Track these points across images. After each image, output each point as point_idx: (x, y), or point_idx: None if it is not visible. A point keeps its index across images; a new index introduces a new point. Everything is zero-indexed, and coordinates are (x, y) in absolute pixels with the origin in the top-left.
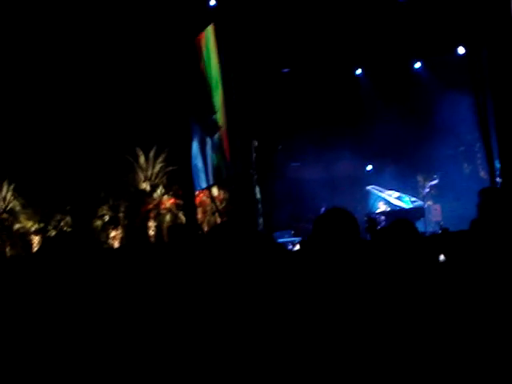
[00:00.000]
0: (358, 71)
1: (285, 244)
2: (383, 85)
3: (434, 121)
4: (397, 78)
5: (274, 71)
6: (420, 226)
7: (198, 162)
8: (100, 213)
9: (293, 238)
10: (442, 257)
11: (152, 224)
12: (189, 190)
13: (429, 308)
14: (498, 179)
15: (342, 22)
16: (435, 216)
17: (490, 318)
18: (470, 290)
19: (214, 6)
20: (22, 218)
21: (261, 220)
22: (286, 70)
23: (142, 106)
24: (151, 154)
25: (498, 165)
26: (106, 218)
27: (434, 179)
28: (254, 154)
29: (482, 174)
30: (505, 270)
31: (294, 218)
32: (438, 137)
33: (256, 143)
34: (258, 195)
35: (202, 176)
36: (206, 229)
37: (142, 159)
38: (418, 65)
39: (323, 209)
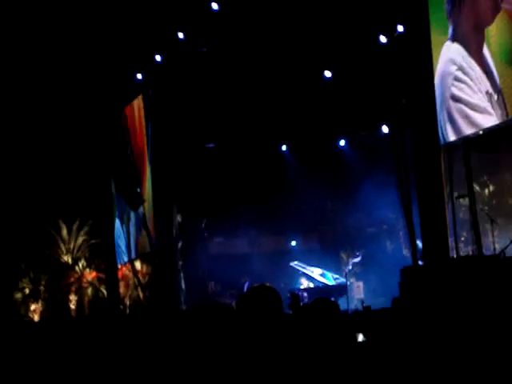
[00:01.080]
0: (283, 147)
1: None
2: (308, 161)
3: (358, 198)
4: (322, 156)
5: (198, 146)
6: (342, 303)
7: (120, 235)
8: (20, 285)
9: None
10: (360, 336)
11: (73, 298)
12: (111, 263)
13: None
14: (419, 261)
15: (268, 97)
16: (357, 293)
17: None
18: (390, 368)
19: (140, 79)
20: None
21: (183, 295)
22: (210, 145)
23: (66, 178)
24: (74, 226)
25: (420, 245)
26: (27, 290)
27: (357, 256)
28: (179, 229)
29: (405, 252)
30: (424, 348)
31: (217, 293)
32: (362, 215)
33: (180, 218)
34: (182, 271)
35: (125, 250)
36: (128, 303)
37: (64, 231)
38: (342, 142)
39: (247, 284)
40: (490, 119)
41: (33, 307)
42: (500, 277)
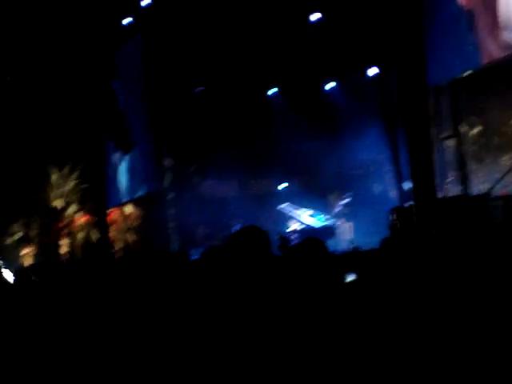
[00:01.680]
0: (271, 91)
1: None
2: (296, 105)
3: (346, 141)
4: (309, 98)
5: (187, 90)
6: (331, 244)
7: (112, 179)
8: (11, 230)
9: None
10: (351, 276)
11: (65, 241)
12: (102, 207)
13: (337, 326)
14: (410, 201)
15: (256, 41)
16: (346, 234)
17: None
18: (379, 307)
19: (129, 22)
20: None
21: (175, 238)
22: (199, 89)
23: (56, 123)
24: (65, 171)
25: (407, 186)
26: (18, 235)
27: (345, 198)
28: (170, 173)
29: (392, 193)
30: (415, 288)
31: (207, 236)
32: (350, 157)
33: (171, 162)
34: (172, 213)
35: (116, 193)
36: (118, 246)
37: (54, 176)
38: (330, 85)
39: (237, 227)
40: None
41: (24, 251)
42: (487, 216)
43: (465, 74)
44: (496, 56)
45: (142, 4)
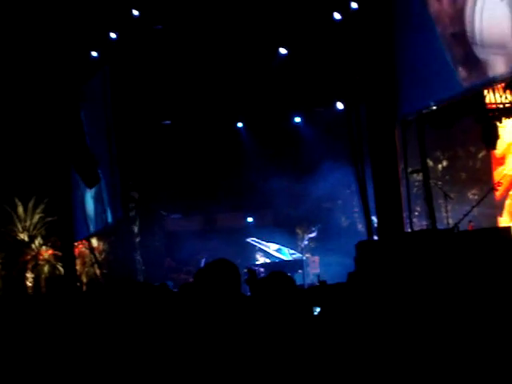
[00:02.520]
0: (239, 124)
1: None
2: (264, 138)
3: (314, 174)
4: (277, 132)
5: (155, 123)
6: (298, 278)
7: (78, 212)
8: None
9: None
10: (317, 309)
11: (30, 275)
12: (68, 241)
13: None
14: (374, 236)
15: (224, 74)
16: (313, 268)
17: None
18: (344, 341)
19: (96, 57)
20: None
21: (141, 271)
22: (167, 122)
23: (22, 156)
24: (30, 204)
25: (375, 220)
26: None
27: (313, 231)
28: (136, 206)
29: (360, 227)
30: (379, 322)
31: (174, 269)
32: (317, 190)
33: (137, 195)
34: (139, 248)
35: (82, 227)
36: (84, 280)
37: (20, 209)
38: (298, 119)
39: (203, 260)
40: None
41: None
42: (454, 250)
43: (432, 108)
44: (463, 75)
45: (111, 36)
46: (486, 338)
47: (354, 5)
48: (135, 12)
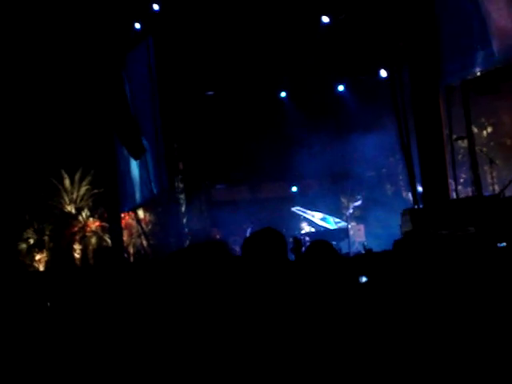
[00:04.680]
0: (282, 94)
1: None
2: (307, 107)
3: (358, 143)
4: (321, 101)
5: (198, 93)
6: (344, 246)
7: (124, 183)
8: (25, 236)
9: None
10: (363, 278)
11: (78, 247)
12: (114, 212)
13: (349, 329)
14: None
15: (266, 44)
16: (359, 236)
17: (413, 339)
18: (391, 310)
19: (139, 29)
20: None
21: (187, 242)
22: (210, 93)
23: (67, 128)
24: (76, 176)
25: (420, 188)
26: (31, 241)
27: (358, 200)
28: (181, 177)
29: (405, 195)
30: (426, 290)
31: (222, 239)
32: (362, 158)
33: (182, 165)
34: (185, 218)
35: (128, 197)
36: (131, 251)
37: (67, 182)
38: (341, 87)
39: (249, 230)
40: None
41: (37, 257)
42: (500, 216)
43: (477, 74)
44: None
45: (154, 8)
46: None
47: None
48: None
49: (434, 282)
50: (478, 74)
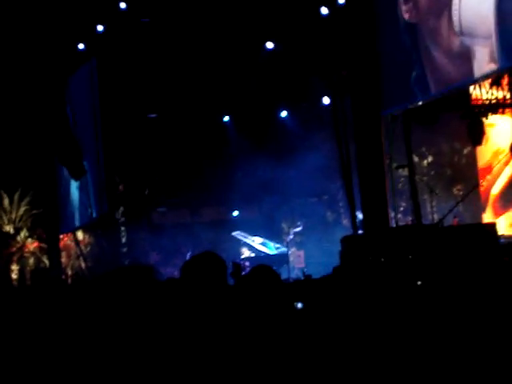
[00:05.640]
0: (226, 118)
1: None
2: (250, 132)
3: (300, 169)
4: (263, 126)
5: (141, 116)
6: (284, 272)
7: (63, 205)
8: None
9: None
10: (299, 304)
11: (15, 267)
12: (53, 233)
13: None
14: (359, 231)
15: (210, 68)
16: (299, 263)
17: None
18: (325, 336)
19: (83, 49)
20: None
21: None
22: (153, 116)
23: (7, 148)
24: (16, 196)
25: (360, 215)
26: None
27: (298, 226)
28: (122, 199)
29: (345, 222)
30: (363, 316)
31: (160, 262)
32: (303, 185)
33: (122, 187)
34: (124, 240)
35: (67, 219)
36: (69, 273)
37: (6, 201)
38: (284, 113)
39: (189, 254)
40: None
41: None
42: (438, 245)
43: (418, 104)
44: (447, 71)
45: (98, 29)
46: (469, 333)
47: (341, 0)
48: (122, 5)
49: (371, 309)
50: (420, 103)
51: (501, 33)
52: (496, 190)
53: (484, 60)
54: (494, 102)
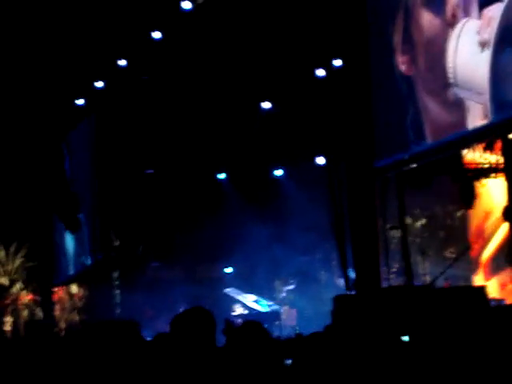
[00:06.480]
0: (220, 176)
1: None
2: (245, 190)
3: (293, 227)
4: (259, 185)
5: (138, 172)
6: (276, 329)
7: (58, 257)
8: None
9: None
10: (289, 361)
11: (9, 319)
12: (47, 286)
13: None
14: (351, 291)
15: (207, 127)
16: (291, 320)
17: None
18: None
19: (83, 105)
20: None
21: (120, 319)
22: (150, 171)
23: (4, 201)
24: (12, 248)
25: (352, 274)
26: None
27: (291, 284)
28: (116, 254)
29: (338, 281)
30: (355, 376)
31: (154, 317)
32: (297, 243)
33: (117, 242)
34: (118, 296)
35: (62, 269)
36: (63, 326)
37: (1, 253)
38: (279, 172)
39: (181, 309)
40: None
41: None
42: (429, 307)
43: (411, 167)
44: (442, 121)
45: (97, 86)
46: None
47: (338, 62)
48: (122, 62)
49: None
50: (414, 165)
51: (493, 88)
52: (487, 253)
53: (477, 114)
54: (486, 166)
